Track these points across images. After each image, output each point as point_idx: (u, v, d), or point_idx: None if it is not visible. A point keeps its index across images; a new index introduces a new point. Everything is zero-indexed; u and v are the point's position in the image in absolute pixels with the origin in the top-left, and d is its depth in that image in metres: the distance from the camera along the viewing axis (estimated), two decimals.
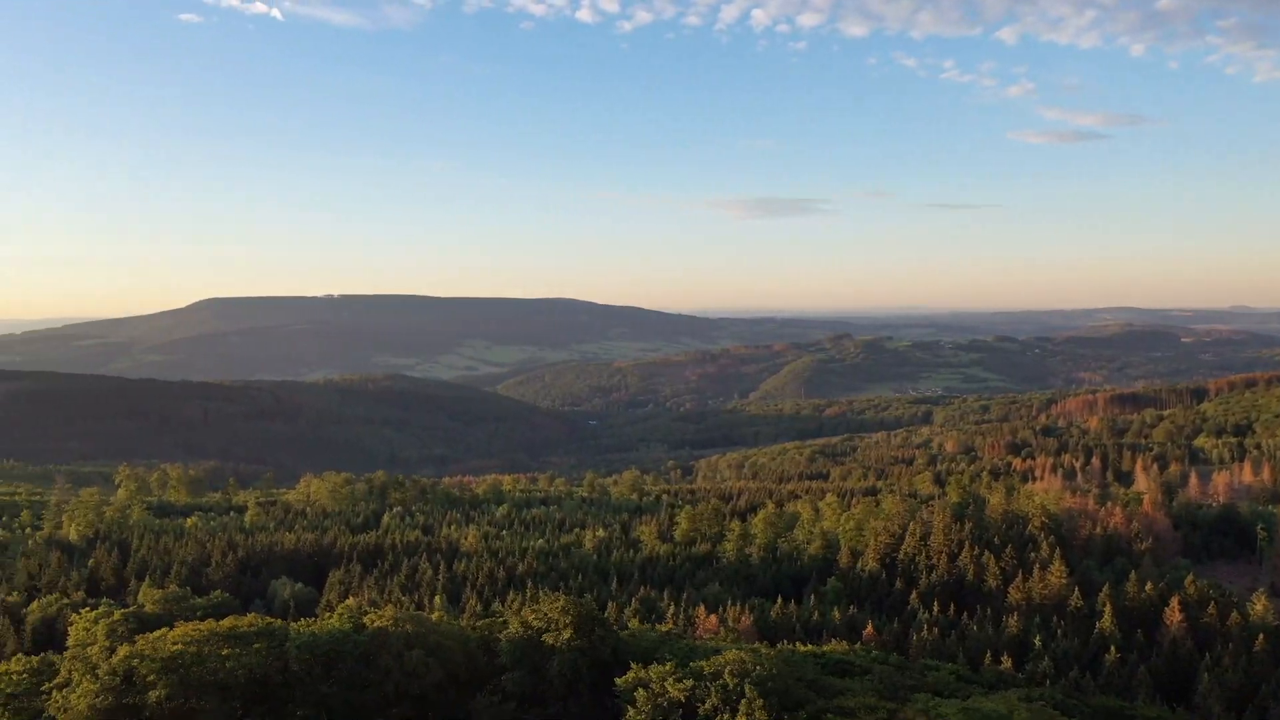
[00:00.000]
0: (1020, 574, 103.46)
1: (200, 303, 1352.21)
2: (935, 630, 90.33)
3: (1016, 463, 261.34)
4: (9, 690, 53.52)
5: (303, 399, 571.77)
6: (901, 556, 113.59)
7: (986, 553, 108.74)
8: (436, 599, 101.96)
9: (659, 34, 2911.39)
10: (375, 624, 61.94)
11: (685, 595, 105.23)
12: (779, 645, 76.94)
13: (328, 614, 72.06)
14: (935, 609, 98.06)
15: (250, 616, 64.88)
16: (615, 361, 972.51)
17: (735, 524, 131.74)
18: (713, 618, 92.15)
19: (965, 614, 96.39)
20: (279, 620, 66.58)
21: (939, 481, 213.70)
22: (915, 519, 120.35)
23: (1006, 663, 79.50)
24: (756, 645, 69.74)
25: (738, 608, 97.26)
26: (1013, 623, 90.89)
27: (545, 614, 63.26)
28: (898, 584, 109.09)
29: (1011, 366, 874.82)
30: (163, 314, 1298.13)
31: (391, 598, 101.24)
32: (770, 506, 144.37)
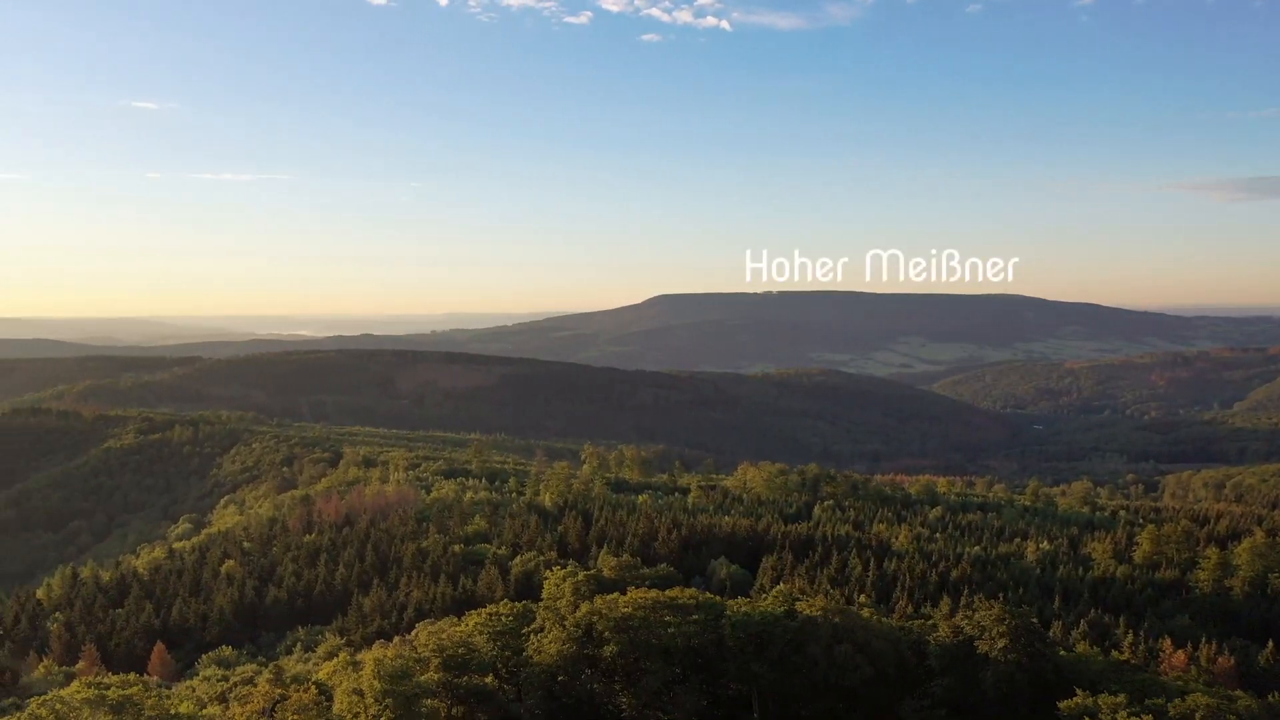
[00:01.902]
0: None
1: (653, 299, 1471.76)
2: None
3: None
4: (499, 629, 62.54)
5: (741, 390, 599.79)
6: None
7: None
8: (861, 596, 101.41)
9: (1125, 1, 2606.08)
10: (806, 612, 63.12)
11: (1145, 624, 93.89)
12: (1269, 697, 65.78)
13: (761, 597, 74.82)
14: None
15: (691, 590, 69.52)
16: (1066, 362, 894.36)
17: (1212, 551, 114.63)
18: (1180, 654, 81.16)
19: None
20: (716, 597, 70.51)
21: None
22: None
23: None
24: (1237, 692, 60.22)
25: (1213, 646, 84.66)
26: None
27: (979, 622, 60.15)
28: None
29: None
30: (623, 309, 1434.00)
31: (821, 589, 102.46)
32: (1259, 535, 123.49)
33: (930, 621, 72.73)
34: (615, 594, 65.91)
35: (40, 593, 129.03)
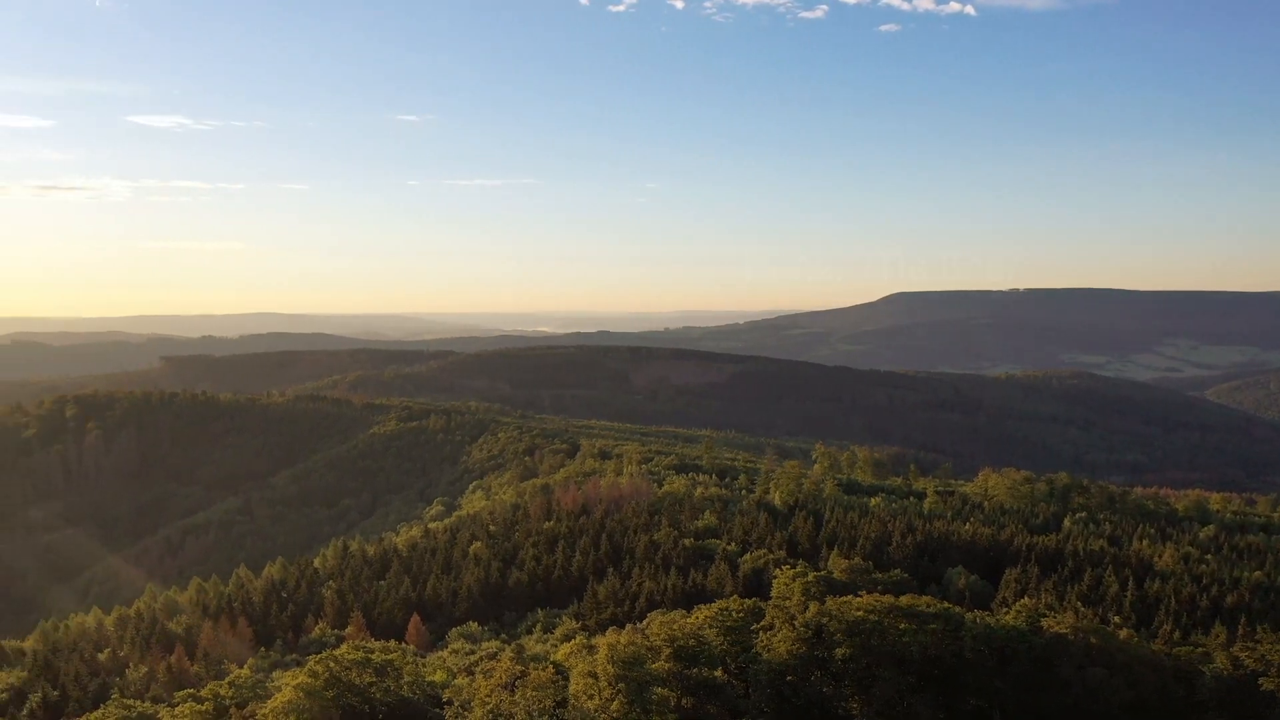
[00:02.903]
0: None
1: (889, 297, 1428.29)
2: None
3: None
4: (729, 624, 62.83)
5: (983, 393, 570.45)
6: None
7: None
8: (1116, 617, 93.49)
9: None
10: (1053, 629, 59.10)
11: None
12: None
13: (1003, 610, 70.83)
14: None
15: (927, 598, 66.81)
16: None
17: None
18: None
19: None
20: (955, 606, 67.37)
21: None
22: None
23: None
24: None
25: None
26: None
27: (1264, 656, 53.94)
28: None
29: None
30: (856, 307, 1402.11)
31: (1070, 606, 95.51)
32: None
33: (1200, 650, 66.02)
34: (847, 596, 64.49)
35: (317, 562, 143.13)
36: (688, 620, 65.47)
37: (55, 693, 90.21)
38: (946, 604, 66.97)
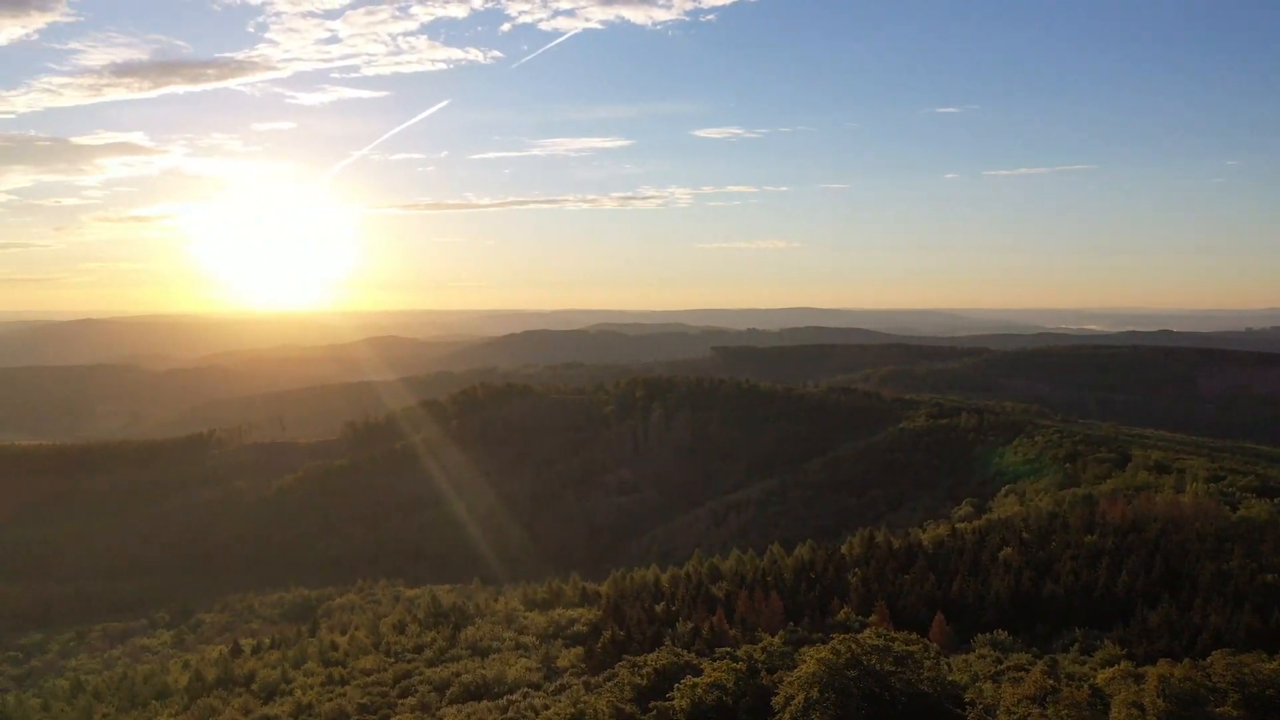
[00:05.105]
0: None
1: None
2: None
3: None
4: None
5: None
6: None
7: None
8: None
9: None
10: None
11: None
12: None
13: None
14: None
15: None
16: None
17: None
18: None
19: None
20: None
21: None
22: None
23: None
24: None
25: None
26: None
27: None
28: None
29: None
30: None
31: None
32: None
33: None
34: None
35: (844, 548, 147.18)
36: (1266, 665, 55.39)
37: (621, 633, 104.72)
38: None
